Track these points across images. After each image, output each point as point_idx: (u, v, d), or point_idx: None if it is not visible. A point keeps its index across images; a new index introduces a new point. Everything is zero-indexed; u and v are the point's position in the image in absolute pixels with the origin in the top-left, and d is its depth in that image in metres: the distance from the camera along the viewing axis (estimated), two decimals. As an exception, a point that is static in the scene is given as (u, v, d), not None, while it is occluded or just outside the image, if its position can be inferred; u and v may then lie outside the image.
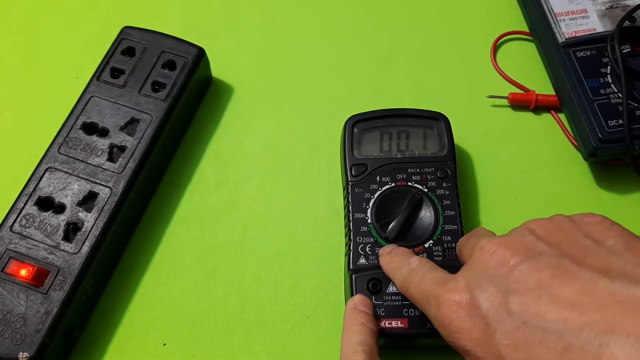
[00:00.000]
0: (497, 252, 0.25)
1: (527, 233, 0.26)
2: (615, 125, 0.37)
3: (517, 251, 0.24)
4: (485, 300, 0.24)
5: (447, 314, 0.25)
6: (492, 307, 0.23)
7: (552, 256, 0.24)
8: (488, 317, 0.23)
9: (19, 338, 0.32)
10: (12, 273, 0.34)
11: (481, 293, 0.24)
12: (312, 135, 0.43)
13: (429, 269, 0.29)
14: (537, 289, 0.23)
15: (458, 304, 0.25)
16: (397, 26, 0.47)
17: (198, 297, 0.37)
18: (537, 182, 0.40)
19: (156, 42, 0.42)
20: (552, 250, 0.24)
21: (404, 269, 0.30)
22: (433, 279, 0.27)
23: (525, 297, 0.23)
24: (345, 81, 0.45)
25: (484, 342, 0.23)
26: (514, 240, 0.25)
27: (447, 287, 0.26)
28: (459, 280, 0.26)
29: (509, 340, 0.22)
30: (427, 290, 0.27)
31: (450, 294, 0.25)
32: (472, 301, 0.24)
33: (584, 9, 0.42)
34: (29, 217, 0.36)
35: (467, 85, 0.44)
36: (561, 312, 0.22)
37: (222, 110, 0.44)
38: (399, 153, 0.38)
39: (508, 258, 0.24)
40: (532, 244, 0.25)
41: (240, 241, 0.39)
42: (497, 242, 0.25)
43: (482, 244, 0.26)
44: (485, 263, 0.25)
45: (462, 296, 0.25)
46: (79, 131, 0.39)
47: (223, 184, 0.41)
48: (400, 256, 0.32)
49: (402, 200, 0.36)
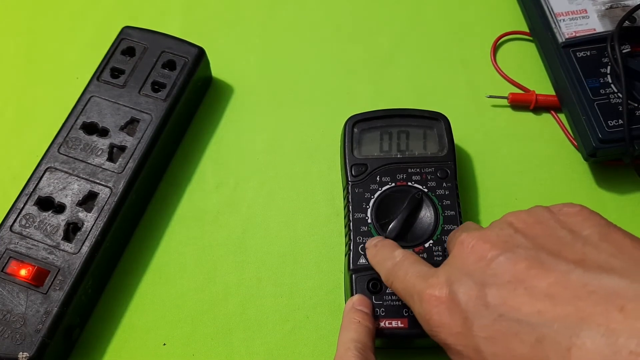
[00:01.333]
0: (476, 246, 0.25)
1: (505, 226, 0.26)
2: (615, 126, 0.37)
3: (495, 245, 0.25)
4: (464, 295, 0.24)
5: (428, 309, 0.25)
6: (470, 301, 0.24)
7: (528, 249, 0.24)
8: (466, 311, 0.24)
9: (19, 338, 0.32)
10: (12, 273, 0.34)
11: (460, 287, 0.24)
12: (312, 135, 0.43)
13: (413, 262, 0.29)
14: (513, 282, 0.23)
15: (438, 299, 0.25)
16: (397, 26, 0.47)
17: (198, 297, 0.37)
18: (537, 182, 0.40)
19: (156, 42, 0.42)
20: (529, 242, 0.24)
21: (388, 262, 0.30)
22: (416, 274, 0.28)
23: (502, 290, 0.23)
24: (345, 81, 0.45)
25: (462, 336, 0.24)
26: (492, 234, 0.26)
27: (428, 282, 0.26)
28: (440, 275, 0.26)
29: (486, 333, 0.23)
30: (410, 285, 0.28)
31: (431, 289, 0.26)
32: (451, 296, 0.25)
33: (584, 9, 0.42)
34: (29, 217, 0.36)
35: (467, 85, 0.44)
36: (535, 305, 0.22)
37: (222, 110, 0.44)
38: (399, 153, 0.38)
39: (486, 252, 0.25)
40: (510, 237, 0.25)
41: (240, 241, 0.39)
42: (476, 236, 0.26)
43: (462, 238, 0.26)
44: (464, 257, 0.25)
45: (441, 291, 0.25)
46: (79, 131, 0.39)
47: (223, 184, 0.41)
48: (385, 249, 0.32)
49: (402, 200, 0.36)
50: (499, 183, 0.40)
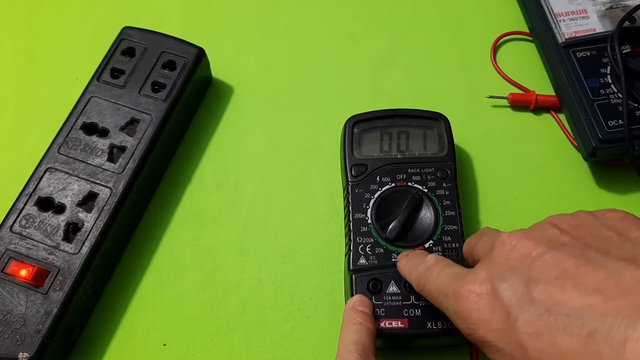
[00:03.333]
0: (519, 244, 0.24)
1: (549, 226, 0.25)
2: (615, 126, 0.37)
3: (540, 242, 0.24)
4: (507, 290, 0.23)
5: (466, 305, 0.24)
6: (514, 296, 0.23)
7: (575, 247, 0.23)
8: (510, 306, 0.23)
9: (19, 338, 0.32)
10: (12, 273, 0.34)
11: (502, 283, 0.23)
12: (312, 135, 0.43)
13: (446, 265, 0.28)
14: (561, 278, 0.22)
15: (478, 295, 0.24)
16: (397, 26, 0.47)
17: (198, 297, 0.37)
18: (537, 182, 0.40)
19: (156, 42, 0.42)
20: (575, 242, 0.24)
21: (420, 267, 0.30)
22: (451, 274, 0.27)
23: (549, 286, 0.22)
24: (345, 81, 0.45)
25: (505, 332, 0.23)
26: (536, 233, 0.25)
27: (466, 279, 0.25)
28: (479, 272, 0.25)
29: (531, 328, 0.22)
30: (444, 285, 0.27)
31: (469, 285, 0.25)
32: (492, 291, 0.24)
33: (583, 9, 0.42)
34: (29, 217, 0.36)
35: (467, 85, 0.44)
36: (585, 299, 0.21)
37: (222, 110, 0.44)
38: (399, 153, 0.38)
39: (530, 250, 0.24)
40: (555, 236, 0.24)
41: (240, 241, 0.39)
42: (519, 235, 0.25)
43: (503, 238, 0.25)
44: (506, 255, 0.25)
45: (482, 287, 0.24)
46: (79, 131, 0.39)
47: (223, 184, 0.41)
48: (417, 256, 0.31)
49: (402, 201, 0.36)
50: (499, 183, 0.40)
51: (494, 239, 0.26)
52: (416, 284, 0.30)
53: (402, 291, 0.33)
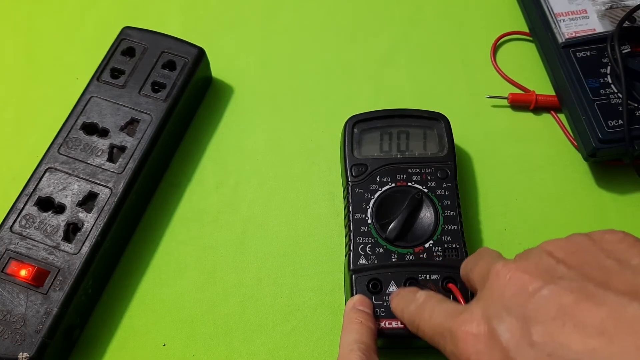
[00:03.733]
0: (514, 278, 0.23)
1: (544, 255, 0.24)
2: (615, 126, 0.37)
3: (536, 276, 0.23)
4: (505, 332, 0.22)
5: (464, 349, 0.23)
6: (513, 338, 0.22)
7: (573, 280, 0.22)
8: (509, 350, 0.22)
9: (19, 338, 0.32)
10: (12, 273, 0.34)
11: (500, 324, 0.22)
12: (312, 135, 0.43)
13: (438, 301, 0.27)
14: (560, 317, 0.21)
15: (476, 337, 0.23)
16: (397, 26, 0.47)
17: (198, 297, 0.37)
18: (537, 182, 0.40)
19: (156, 42, 0.42)
20: (573, 273, 0.23)
21: (411, 306, 0.29)
22: (444, 312, 0.26)
23: (548, 327, 0.21)
24: (345, 81, 0.45)
25: None
26: (531, 265, 0.24)
27: (461, 318, 0.24)
28: (474, 310, 0.24)
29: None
30: (439, 324, 0.26)
31: (466, 326, 0.24)
32: (490, 333, 0.23)
33: (583, 9, 0.42)
34: (29, 217, 0.36)
35: (467, 85, 0.44)
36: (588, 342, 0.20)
37: (222, 110, 0.44)
38: (399, 153, 0.38)
39: (526, 284, 0.23)
40: (551, 267, 0.23)
41: (240, 241, 0.39)
42: (514, 267, 0.24)
43: (497, 269, 0.24)
44: (501, 290, 0.23)
45: (479, 328, 0.23)
46: (79, 131, 0.39)
47: (223, 184, 0.41)
48: (407, 295, 0.30)
49: (402, 201, 0.36)
50: (499, 183, 0.40)
51: (489, 268, 0.25)
52: (409, 326, 0.29)
53: (402, 291, 0.33)
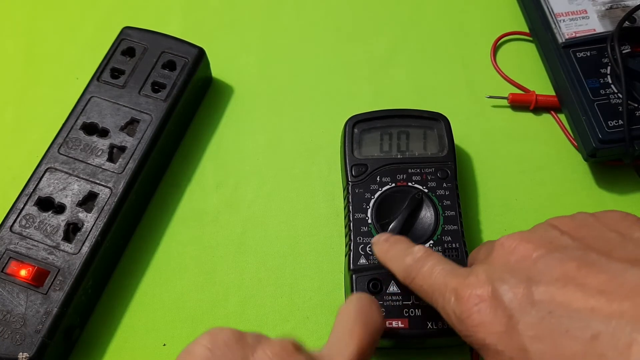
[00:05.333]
0: (519, 247, 0.24)
1: (549, 228, 0.25)
2: (615, 126, 0.37)
3: (540, 245, 0.24)
4: (508, 292, 0.23)
5: (466, 308, 0.24)
6: (515, 298, 0.22)
7: (577, 249, 0.23)
8: (511, 309, 0.22)
9: (19, 338, 0.32)
10: (12, 273, 0.34)
11: (503, 285, 0.23)
12: (312, 136, 0.43)
13: (438, 260, 0.27)
14: (562, 279, 0.22)
15: (479, 297, 0.23)
16: (397, 26, 0.47)
17: (198, 297, 0.37)
18: (537, 182, 0.40)
19: (156, 42, 0.42)
20: (576, 243, 0.23)
21: (407, 258, 0.28)
22: (446, 271, 0.26)
23: (550, 287, 0.22)
24: (345, 81, 0.45)
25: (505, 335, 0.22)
26: (536, 235, 0.25)
27: (467, 280, 0.24)
28: (479, 273, 0.24)
29: (533, 331, 0.22)
30: (441, 282, 0.26)
31: (470, 288, 0.24)
32: (494, 294, 0.23)
33: (583, 10, 0.42)
34: (29, 217, 0.36)
35: (467, 85, 0.44)
36: (588, 301, 0.21)
37: (222, 110, 0.44)
38: (399, 153, 0.38)
39: (530, 252, 0.24)
40: (556, 238, 0.24)
41: (240, 241, 0.39)
42: (518, 237, 0.25)
43: (502, 240, 0.25)
44: (506, 257, 0.24)
45: (483, 289, 0.23)
46: (79, 131, 0.39)
47: (223, 184, 0.41)
48: (400, 244, 0.30)
49: (403, 201, 0.36)
50: (499, 183, 0.40)
51: (493, 243, 0.26)
52: (402, 277, 0.29)
53: (402, 291, 0.33)
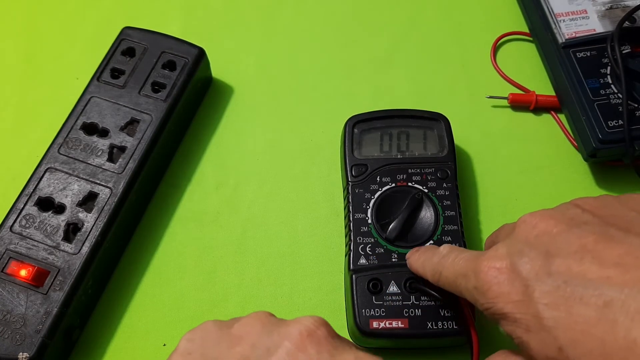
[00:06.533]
0: (540, 223, 0.25)
1: (571, 207, 0.26)
2: (615, 126, 0.37)
3: (561, 221, 0.24)
4: (526, 264, 0.24)
5: (486, 280, 0.25)
6: (533, 269, 0.23)
7: (596, 225, 0.24)
8: (528, 279, 0.23)
9: (19, 338, 0.32)
10: (12, 273, 0.34)
11: (522, 258, 0.24)
12: (312, 136, 0.43)
13: (461, 251, 0.28)
14: (580, 252, 0.23)
15: (498, 270, 0.24)
16: (397, 26, 0.47)
17: (198, 298, 0.37)
18: (537, 182, 0.40)
19: (156, 42, 0.42)
20: (597, 220, 0.24)
21: (434, 258, 0.30)
22: (467, 256, 0.27)
23: (567, 259, 0.23)
24: (345, 81, 0.45)
25: (522, 303, 0.23)
26: (558, 212, 0.25)
27: (486, 256, 0.25)
28: (499, 248, 0.25)
29: (548, 299, 0.22)
30: (462, 266, 0.27)
31: (489, 262, 0.25)
32: (512, 266, 0.24)
33: (584, 10, 0.42)
34: (29, 217, 0.36)
35: (467, 85, 0.44)
36: (604, 271, 0.21)
37: (222, 110, 0.44)
38: (399, 153, 0.38)
39: (551, 227, 0.24)
40: (577, 215, 0.25)
41: (240, 241, 0.39)
42: (540, 215, 0.25)
43: (525, 217, 0.26)
44: (527, 233, 0.25)
45: (502, 262, 0.24)
46: (79, 132, 0.39)
47: (223, 184, 0.41)
48: (429, 250, 0.31)
49: (403, 201, 0.36)
50: (499, 183, 0.40)
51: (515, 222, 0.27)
52: (431, 275, 0.30)
53: (402, 291, 0.33)
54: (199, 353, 0.25)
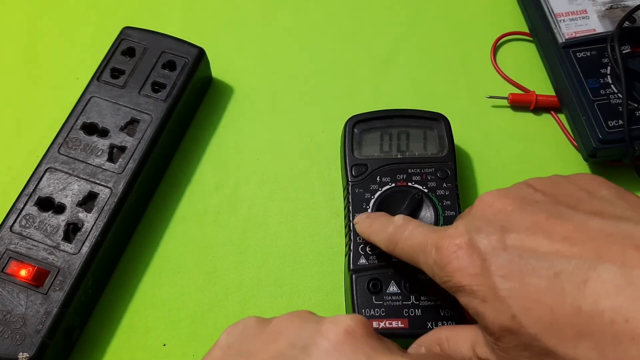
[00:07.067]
0: (497, 202, 0.26)
1: (524, 186, 0.27)
2: (615, 126, 0.37)
3: (515, 199, 0.26)
4: (483, 239, 0.25)
5: (445, 255, 0.26)
6: (489, 244, 0.25)
7: (547, 204, 0.25)
8: (485, 253, 0.24)
9: (19, 338, 0.32)
10: (12, 273, 0.34)
11: (479, 233, 0.25)
12: (312, 136, 0.43)
13: (418, 223, 0.30)
14: (532, 228, 0.24)
15: (457, 245, 0.25)
16: (397, 26, 0.47)
17: (198, 298, 0.37)
18: (537, 182, 0.40)
19: (156, 42, 0.42)
20: (547, 199, 0.26)
21: (389, 228, 0.30)
22: (425, 230, 0.28)
23: (521, 235, 0.24)
24: (345, 81, 0.45)
25: (479, 276, 0.24)
26: (512, 191, 0.27)
27: (446, 232, 0.26)
28: (459, 225, 0.26)
29: (503, 271, 0.24)
30: (421, 241, 0.28)
31: (449, 238, 0.26)
32: (470, 241, 0.25)
33: (584, 10, 0.42)
34: (29, 217, 0.36)
35: (467, 85, 0.44)
36: (554, 245, 0.23)
37: (222, 110, 0.44)
38: (399, 153, 0.38)
39: (506, 205, 0.26)
40: (530, 194, 0.26)
41: (240, 241, 0.39)
42: (496, 194, 0.27)
43: (482, 197, 0.27)
44: (484, 210, 0.26)
45: (461, 239, 0.26)
46: (79, 131, 0.39)
47: (223, 184, 0.41)
48: (382, 217, 0.32)
49: (403, 201, 0.36)
50: (499, 183, 0.40)
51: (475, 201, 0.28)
52: (385, 245, 0.31)
53: (402, 291, 0.33)
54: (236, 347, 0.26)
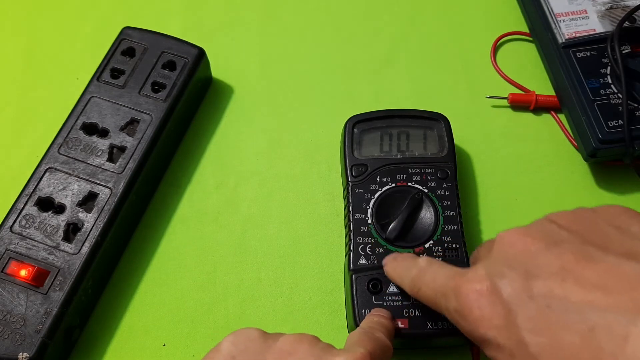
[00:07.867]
0: (518, 241, 0.24)
1: (547, 223, 0.25)
2: (615, 126, 0.37)
3: (538, 239, 0.24)
4: (507, 286, 0.23)
5: (466, 303, 0.24)
6: (514, 292, 0.23)
7: (574, 243, 0.23)
8: (509, 302, 0.23)
9: (19, 338, 0.32)
10: (12, 273, 0.34)
11: (502, 279, 0.23)
12: (312, 136, 0.43)
13: (440, 266, 0.28)
14: (560, 273, 0.22)
15: (478, 292, 0.24)
16: (397, 26, 0.47)
17: (198, 298, 0.37)
18: (537, 182, 0.40)
19: (156, 42, 0.42)
20: (574, 237, 0.24)
21: (413, 270, 0.29)
22: (447, 273, 0.26)
23: (548, 281, 0.22)
24: (345, 81, 0.45)
25: (505, 329, 0.22)
26: (534, 229, 0.25)
27: (466, 277, 0.25)
28: (478, 269, 0.25)
29: (531, 324, 0.22)
30: (442, 285, 0.26)
31: (469, 284, 0.24)
32: (492, 288, 0.23)
33: (583, 10, 0.42)
34: (29, 217, 0.36)
35: (467, 85, 0.44)
36: (585, 295, 0.21)
37: (222, 110, 0.44)
38: (399, 153, 0.38)
39: (529, 245, 0.24)
40: (554, 232, 0.24)
41: (240, 241, 0.39)
42: (516, 232, 0.25)
43: (501, 235, 0.25)
44: (505, 251, 0.24)
45: (482, 284, 0.24)
46: (79, 131, 0.39)
47: (223, 184, 0.41)
48: (406, 260, 0.31)
49: (403, 201, 0.36)
50: (499, 183, 0.40)
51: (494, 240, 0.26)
52: (410, 288, 0.30)
53: (402, 291, 0.33)
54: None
